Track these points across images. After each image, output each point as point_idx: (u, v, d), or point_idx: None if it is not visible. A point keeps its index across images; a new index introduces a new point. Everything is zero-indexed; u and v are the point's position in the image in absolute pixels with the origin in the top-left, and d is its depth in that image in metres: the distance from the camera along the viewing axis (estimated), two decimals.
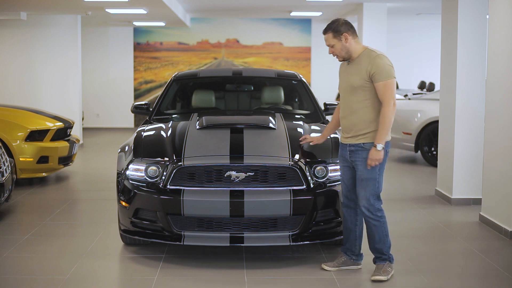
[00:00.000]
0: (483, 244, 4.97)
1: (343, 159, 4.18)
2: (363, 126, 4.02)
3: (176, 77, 6.04)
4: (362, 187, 4.03)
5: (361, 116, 4.02)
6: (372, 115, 4.01)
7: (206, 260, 4.47)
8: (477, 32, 6.26)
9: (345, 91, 4.12)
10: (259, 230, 4.26)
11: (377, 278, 4.05)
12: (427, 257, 4.62)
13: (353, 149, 4.06)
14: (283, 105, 5.85)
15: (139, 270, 4.27)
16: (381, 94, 3.95)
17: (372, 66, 3.95)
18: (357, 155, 4.04)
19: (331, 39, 4.05)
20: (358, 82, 4.00)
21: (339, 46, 4.05)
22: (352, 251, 4.25)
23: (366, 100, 4.00)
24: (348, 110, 4.08)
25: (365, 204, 4.03)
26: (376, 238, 4.09)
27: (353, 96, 4.04)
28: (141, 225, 4.40)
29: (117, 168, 4.65)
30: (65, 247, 4.80)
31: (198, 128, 4.75)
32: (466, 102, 6.32)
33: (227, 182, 4.25)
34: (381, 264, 4.12)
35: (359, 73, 4.01)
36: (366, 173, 4.01)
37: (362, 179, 4.03)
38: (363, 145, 4.02)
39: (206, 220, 4.25)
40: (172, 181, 4.26)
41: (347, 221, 4.23)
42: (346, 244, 4.26)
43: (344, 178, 4.21)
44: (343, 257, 4.28)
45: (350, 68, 4.10)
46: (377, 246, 4.11)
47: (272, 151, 4.42)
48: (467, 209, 6.20)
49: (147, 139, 4.78)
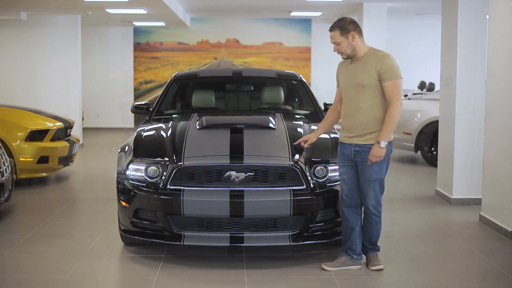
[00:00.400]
0: (483, 244, 4.97)
1: (345, 158, 4.19)
2: (370, 125, 4.06)
3: (176, 77, 6.04)
4: (371, 188, 4.11)
5: (369, 114, 4.06)
6: (380, 113, 4.06)
7: (206, 260, 4.47)
8: (477, 32, 6.26)
9: (350, 89, 4.13)
10: (259, 230, 4.26)
11: (379, 267, 4.24)
12: (427, 257, 4.62)
13: (359, 149, 4.10)
14: (283, 105, 5.85)
15: (139, 270, 4.27)
16: (389, 94, 4.01)
17: (381, 65, 4.01)
18: (363, 155, 4.08)
19: (338, 37, 4.09)
20: (367, 80, 4.04)
21: (345, 44, 4.08)
22: (353, 250, 4.27)
23: (375, 99, 4.06)
24: (354, 108, 4.10)
25: (373, 203, 4.15)
26: (374, 232, 4.25)
27: (360, 94, 4.07)
28: (141, 225, 4.40)
29: (117, 168, 4.65)
30: (65, 247, 4.80)
31: (198, 128, 4.75)
32: (466, 102, 6.32)
33: (227, 182, 4.25)
34: (374, 254, 4.31)
35: (367, 71, 4.05)
36: (375, 174, 4.08)
37: (370, 180, 4.10)
38: (371, 145, 4.06)
39: (206, 220, 4.24)
40: (172, 181, 4.26)
41: (348, 221, 4.24)
42: (347, 243, 4.27)
43: (345, 178, 4.22)
44: (343, 257, 4.28)
45: (355, 67, 4.12)
46: (373, 239, 4.28)
47: (272, 151, 4.42)
48: (467, 209, 6.20)
49: (147, 139, 4.78)
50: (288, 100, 6.03)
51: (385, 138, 4.01)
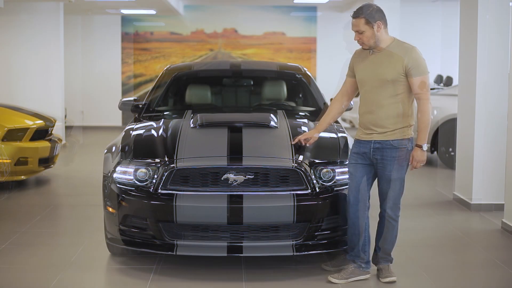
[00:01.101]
0: (505, 254, 4.98)
1: (359, 156, 4.21)
2: (392, 122, 4.10)
3: (168, 71, 6.05)
4: (391, 188, 4.16)
5: (392, 111, 4.10)
6: (401, 110, 4.10)
7: (201, 272, 4.47)
8: (499, 21, 6.26)
9: (371, 84, 4.15)
10: (259, 238, 4.26)
11: (391, 279, 4.24)
12: (444, 268, 4.63)
13: (379, 146, 4.13)
14: (286, 102, 5.86)
15: (127, 283, 4.27)
16: (417, 90, 4.07)
17: (409, 59, 4.04)
18: (385, 153, 4.12)
19: (363, 25, 4.09)
20: (391, 75, 4.06)
21: (370, 33, 4.09)
22: (362, 257, 4.27)
23: (398, 95, 4.09)
24: (376, 105, 4.13)
25: (391, 205, 4.19)
26: (389, 239, 4.26)
27: (383, 90, 4.10)
28: (130, 234, 4.40)
29: (103, 171, 4.65)
30: (46, 258, 4.80)
31: (192, 127, 4.76)
32: (487, 98, 6.32)
33: (225, 185, 4.25)
34: (386, 265, 4.29)
35: (392, 66, 4.07)
36: (396, 173, 4.13)
37: (391, 180, 4.14)
38: (392, 142, 4.10)
39: (201, 227, 4.25)
40: (163, 185, 4.27)
41: (355, 225, 4.23)
42: (354, 250, 4.28)
43: (356, 176, 4.22)
44: (351, 266, 4.28)
45: (378, 59, 4.14)
46: (387, 247, 4.27)
47: (273, 151, 4.43)
48: (488, 215, 6.21)
49: (137, 138, 4.78)
50: (291, 96, 6.04)
51: (425, 140, 4.10)
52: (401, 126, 4.11)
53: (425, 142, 4.10)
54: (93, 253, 4.90)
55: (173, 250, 4.24)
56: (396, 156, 4.10)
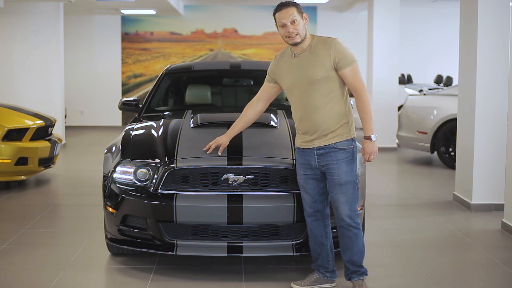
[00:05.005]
0: (505, 254, 4.98)
1: (306, 167, 4.00)
2: (332, 123, 3.88)
3: (168, 71, 6.05)
4: (342, 192, 3.89)
5: (329, 111, 3.88)
6: (339, 108, 3.90)
7: (201, 272, 4.47)
8: (499, 20, 6.26)
9: (300, 87, 3.94)
10: (259, 238, 4.26)
11: None
12: (444, 268, 4.63)
13: (322, 152, 3.91)
14: (286, 102, 5.86)
15: (127, 283, 4.27)
16: (351, 82, 3.88)
17: (335, 52, 3.86)
18: (329, 157, 3.90)
19: (296, 14, 3.95)
20: (321, 74, 3.87)
21: (302, 24, 3.96)
22: (326, 267, 4.14)
23: (332, 92, 3.89)
24: (310, 108, 3.91)
25: (347, 212, 3.90)
26: (355, 249, 3.96)
27: (315, 91, 3.89)
28: (130, 233, 4.41)
29: (103, 171, 4.65)
30: (46, 258, 4.81)
31: (192, 127, 4.76)
32: (487, 98, 6.32)
33: (224, 186, 4.25)
34: (360, 279, 4.00)
35: (319, 63, 3.88)
36: (345, 176, 3.88)
37: (341, 184, 3.89)
38: (335, 144, 3.89)
39: (201, 228, 4.25)
40: (163, 185, 4.26)
41: (316, 236, 4.10)
42: (318, 260, 4.14)
43: (307, 188, 4.03)
44: (315, 275, 4.17)
45: (302, 60, 3.95)
46: (354, 259, 3.98)
47: (273, 151, 4.42)
48: (488, 215, 6.21)
49: (136, 138, 4.78)
50: None
51: (372, 131, 3.88)
52: (341, 124, 3.88)
53: (373, 133, 3.88)
54: (93, 253, 4.90)
55: (173, 250, 4.24)
56: (342, 158, 3.87)
